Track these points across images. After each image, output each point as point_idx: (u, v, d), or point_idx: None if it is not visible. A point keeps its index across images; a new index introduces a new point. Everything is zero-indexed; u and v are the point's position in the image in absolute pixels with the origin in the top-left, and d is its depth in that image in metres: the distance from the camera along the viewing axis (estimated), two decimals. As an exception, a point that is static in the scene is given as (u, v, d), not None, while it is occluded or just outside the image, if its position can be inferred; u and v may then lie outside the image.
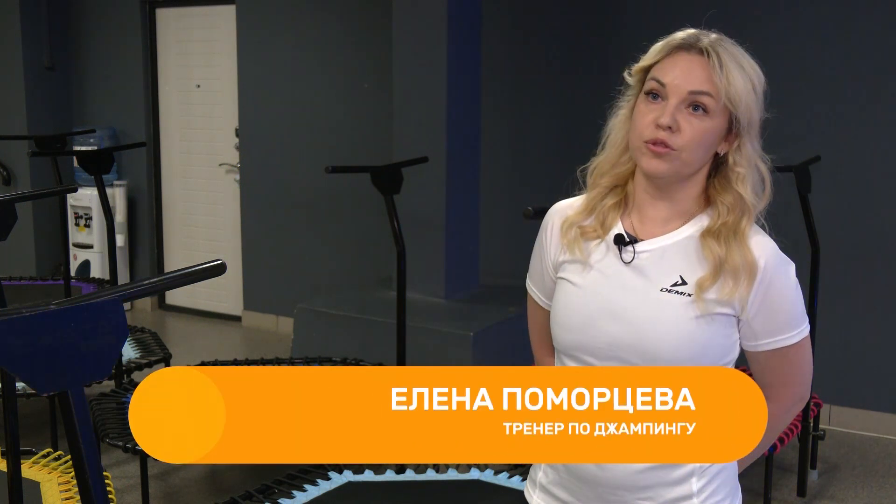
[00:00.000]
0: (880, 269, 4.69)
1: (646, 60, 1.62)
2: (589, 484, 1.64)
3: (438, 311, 4.87)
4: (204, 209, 6.93)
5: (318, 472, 3.49)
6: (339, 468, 3.51)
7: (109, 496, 2.68)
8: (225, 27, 6.62)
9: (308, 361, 4.70)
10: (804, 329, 1.64)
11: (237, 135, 6.62)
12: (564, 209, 1.74)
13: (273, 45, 6.33)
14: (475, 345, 4.52)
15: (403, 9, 5.01)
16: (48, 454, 3.54)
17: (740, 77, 1.55)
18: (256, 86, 6.43)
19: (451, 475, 3.54)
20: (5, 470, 2.54)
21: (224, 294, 6.89)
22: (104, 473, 1.87)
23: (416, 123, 5.03)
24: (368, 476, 3.50)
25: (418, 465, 3.57)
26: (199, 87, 6.82)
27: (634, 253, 1.62)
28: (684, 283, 1.59)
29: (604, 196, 1.67)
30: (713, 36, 1.60)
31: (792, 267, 1.64)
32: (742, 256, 1.57)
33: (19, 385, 3.52)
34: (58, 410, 3.77)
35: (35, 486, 3.30)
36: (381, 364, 4.56)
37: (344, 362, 4.65)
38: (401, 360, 3.91)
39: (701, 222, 1.62)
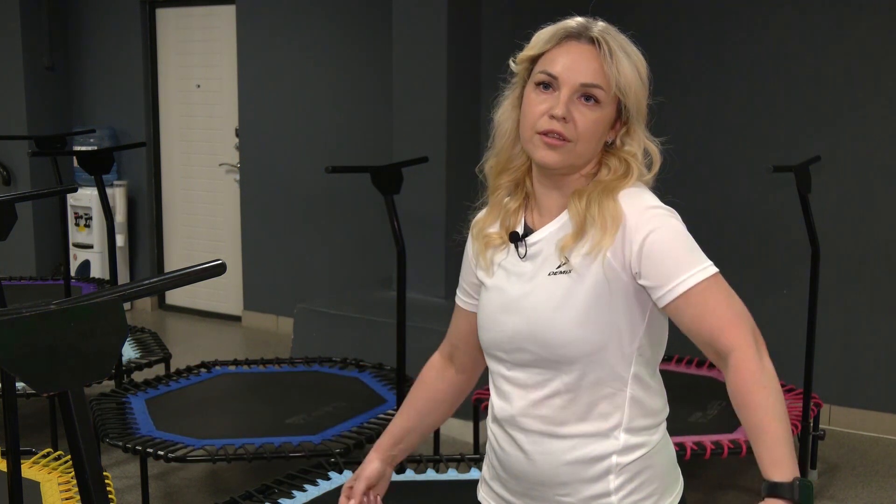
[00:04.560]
0: (880, 269, 4.69)
1: (532, 49, 1.60)
2: (518, 478, 1.66)
3: (438, 311, 4.86)
4: (204, 209, 6.93)
5: (318, 472, 3.49)
6: (339, 468, 3.51)
7: (109, 496, 2.68)
8: (225, 27, 6.62)
9: (308, 361, 4.71)
10: (705, 269, 1.49)
11: (237, 135, 6.62)
12: (480, 218, 1.76)
13: (273, 45, 6.33)
14: (475, 345, 4.51)
15: (403, 9, 5.01)
16: (48, 454, 3.53)
17: (628, 65, 1.55)
18: (256, 86, 6.43)
19: (451, 475, 3.53)
20: (5, 470, 2.54)
21: (224, 294, 6.89)
22: (104, 473, 1.87)
23: (416, 123, 5.03)
24: (368, 476, 3.49)
25: (418, 465, 3.57)
26: (199, 87, 6.82)
27: (527, 246, 1.63)
28: (567, 261, 1.57)
29: (506, 198, 1.68)
30: (601, 24, 1.58)
31: (669, 214, 1.55)
32: (606, 207, 1.54)
33: (19, 385, 3.52)
34: (58, 410, 3.77)
35: (35, 486, 3.29)
36: (381, 364, 4.56)
37: (344, 362, 4.65)
38: (401, 360, 3.90)
39: None
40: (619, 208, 1.54)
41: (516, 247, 1.64)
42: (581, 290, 1.55)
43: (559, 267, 1.58)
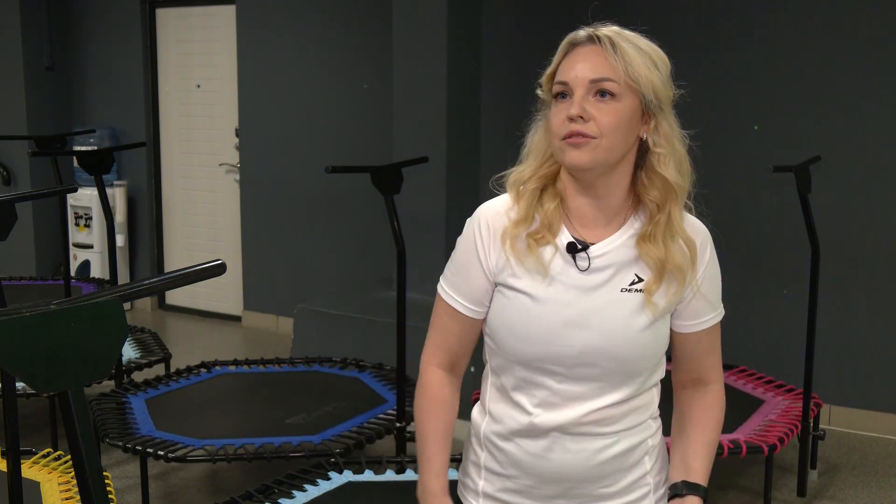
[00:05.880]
0: (880, 268, 4.69)
1: (550, 68, 1.64)
2: (554, 482, 1.66)
3: (438, 311, 4.86)
4: (204, 209, 6.93)
5: (318, 472, 3.49)
6: (339, 468, 3.51)
7: (109, 496, 2.68)
8: (225, 27, 6.62)
9: (308, 361, 4.71)
10: (722, 310, 1.73)
11: (237, 135, 6.62)
12: (497, 216, 1.68)
13: (273, 45, 6.34)
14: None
15: (403, 9, 5.01)
16: (48, 454, 3.53)
17: (637, 55, 1.56)
18: (256, 86, 6.43)
19: (451, 475, 3.53)
20: (5, 470, 2.54)
21: (224, 294, 6.89)
22: (104, 473, 1.87)
23: (416, 123, 5.03)
24: (368, 476, 3.50)
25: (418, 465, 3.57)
26: (199, 87, 6.82)
27: (589, 259, 1.62)
28: (640, 280, 1.62)
29: (538, 199, 1.65)
30: (610, 28, 1.61)
31: (713, 246, 1.71)
32: (682, 253, 1.62)
33: (19, 385, 3.52)
34: (58, 410, 3.77)
35: (35, 486, 3.29)
36: (381, 364, 4.56)
37: (344, 362, 4.65)
38: (401, 360, 3.90)
39: (635, 225, 1.64)
40: (694, 247, 1.64)
41: (574, 258, 1.62)
42: (655, 307, 1.61)
43: (633, 284, 1.61)
